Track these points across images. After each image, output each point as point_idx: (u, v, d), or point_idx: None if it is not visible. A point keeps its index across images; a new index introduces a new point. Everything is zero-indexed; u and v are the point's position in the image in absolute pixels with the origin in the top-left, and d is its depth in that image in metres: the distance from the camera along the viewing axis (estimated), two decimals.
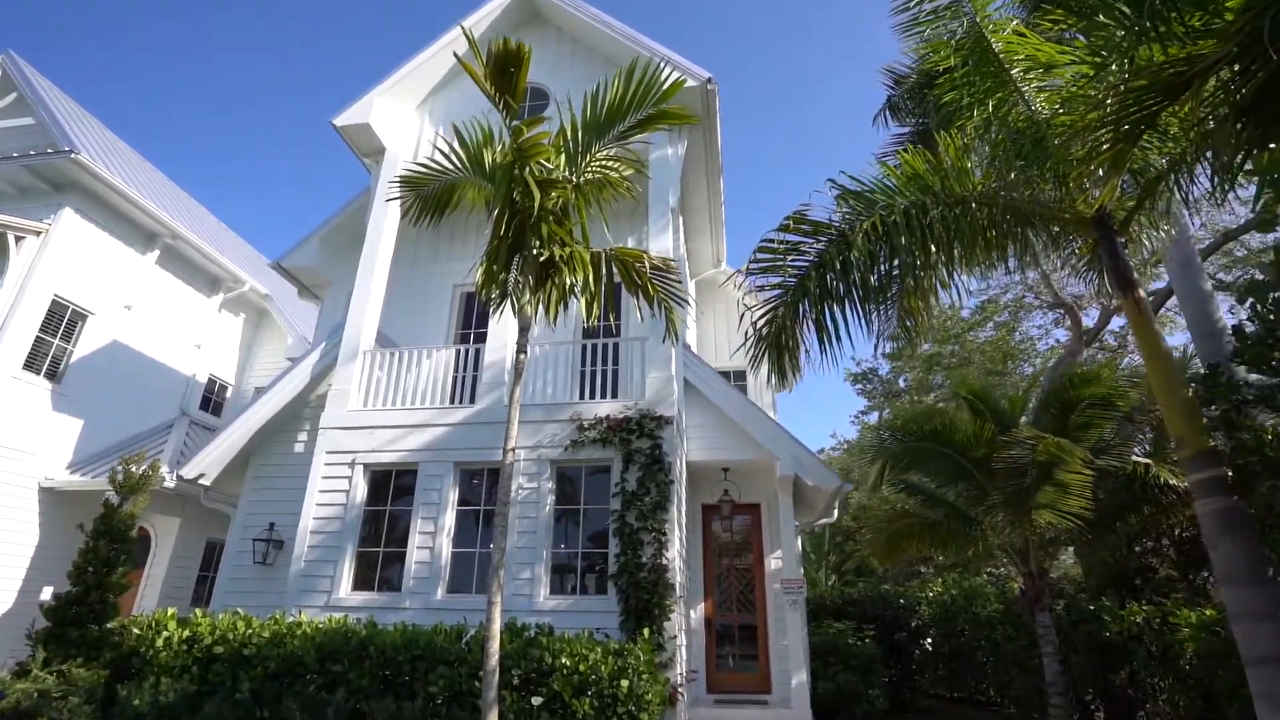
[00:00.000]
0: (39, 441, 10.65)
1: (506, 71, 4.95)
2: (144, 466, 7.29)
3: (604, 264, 5.57)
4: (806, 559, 16.23)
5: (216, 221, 17.52)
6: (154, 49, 52.40)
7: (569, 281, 5.32)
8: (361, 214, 10.24)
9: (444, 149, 6.90)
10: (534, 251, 5.30)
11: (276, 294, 15.40)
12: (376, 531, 7.52)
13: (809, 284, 4.58)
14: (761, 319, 4.83)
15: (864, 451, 21.27)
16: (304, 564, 7.24)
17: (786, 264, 4.64)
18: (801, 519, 9.38)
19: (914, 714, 10.21)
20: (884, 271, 4.63)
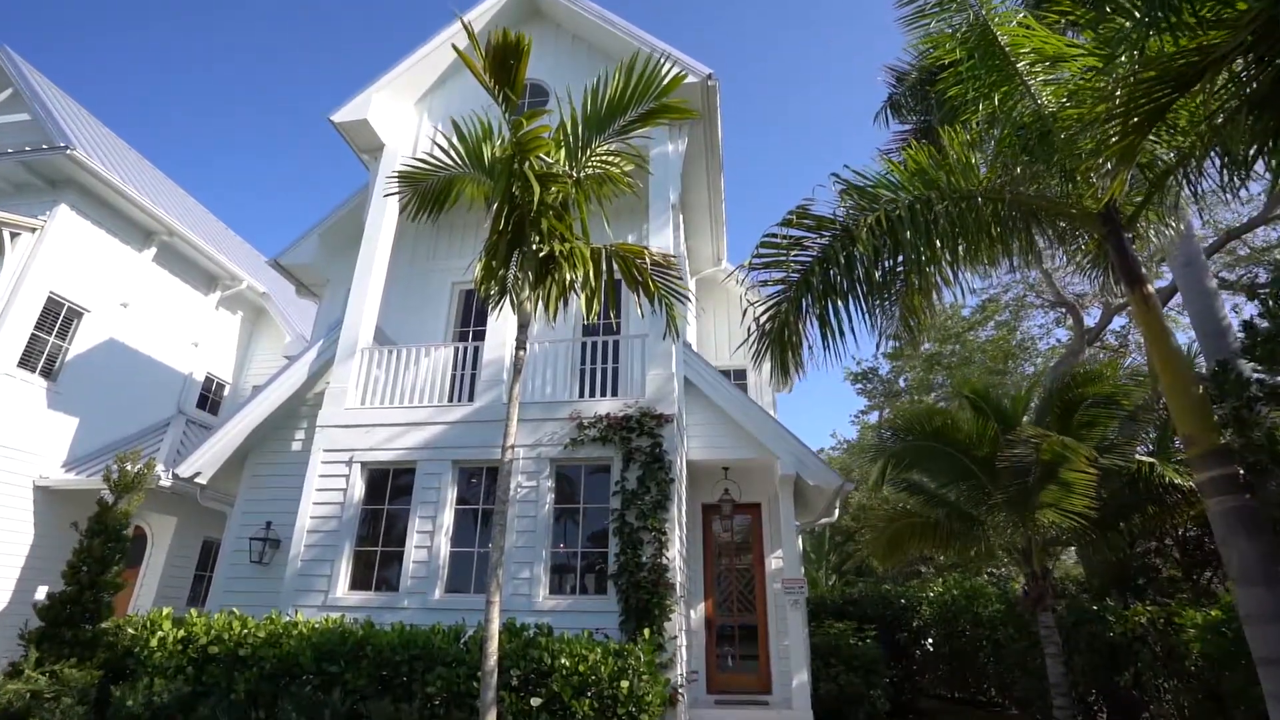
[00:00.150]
0: (34, 440, 10.57)
1: (506, 64, 4.87)
2: (139, 465, 7.21)
3: (604, 260, 5.50)
4: (807, 559, 16.18)
5: (214, 220, 17.42)
6: (154, 49, 52.35)
7: (569, 277, 5.24)
8: (360, 211, 10.18)
9: (443, 144, 6.83)
10: (533, 247, 5.23)
11: (274, 292, 15.31)
12: (374, 531, 7.45)
13: (812, 279, 4.53)
14: (765, 314, 4.78)
15: (864, 451, 21.23)
16: (301, 563, 7.18)
17: (790, 259, 4.59)
18: (802, 519, 9.33)
19: (915, 715, 10.16)
20: (888, 267, 4.58)
